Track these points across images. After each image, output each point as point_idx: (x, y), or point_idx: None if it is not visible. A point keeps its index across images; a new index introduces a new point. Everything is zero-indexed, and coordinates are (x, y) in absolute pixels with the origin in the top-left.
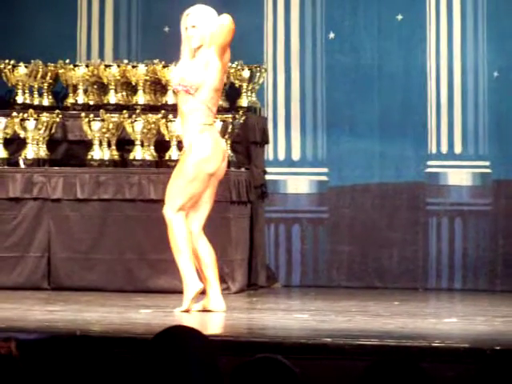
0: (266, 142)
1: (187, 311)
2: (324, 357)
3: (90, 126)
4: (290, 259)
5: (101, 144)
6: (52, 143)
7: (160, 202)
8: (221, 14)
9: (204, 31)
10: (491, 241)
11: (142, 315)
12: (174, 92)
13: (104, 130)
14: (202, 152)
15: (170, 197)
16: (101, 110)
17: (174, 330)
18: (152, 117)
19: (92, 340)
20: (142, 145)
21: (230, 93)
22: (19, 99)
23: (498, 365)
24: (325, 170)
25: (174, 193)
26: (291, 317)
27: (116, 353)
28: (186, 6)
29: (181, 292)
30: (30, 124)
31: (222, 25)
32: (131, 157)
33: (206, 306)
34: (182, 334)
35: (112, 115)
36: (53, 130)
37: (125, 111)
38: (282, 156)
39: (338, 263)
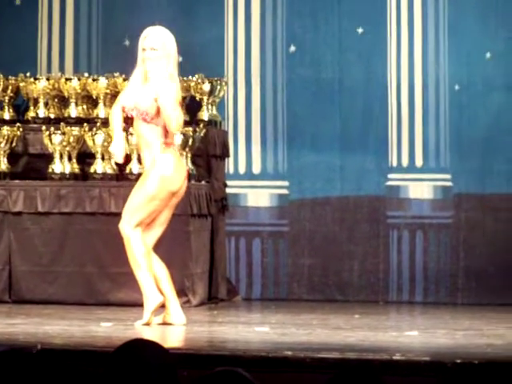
0: (227, 155)
1: (148, 324)
2: (285, 370)
3: (50, 140)
4: (250, 272)
5: (61, 157)
6: (13, 156)
7: (121, 215)
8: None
9: (162, 54)
10: (452, 254)
11: (103, 328)
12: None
13: (65, 144)
14: (165, 169)
15: (129, 212)
16: (61, 124)
17: (135, 343)
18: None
19: (53, 353)
20: (103, 158)
21: (191, 106)
22: None
23: (459, 378)
24: (285, 183)
25: (133, 209)
26: (252, 330)
27: (77, 366)
28: (146, 20)
29: (141, 305)
30: None
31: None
32: (92, 170)
33: (166, 319)
34: (142, 347)
35: (73, 128)
36: (14, 144)
37: (85, 124)
38: (242, 169)
39: (299, 276)
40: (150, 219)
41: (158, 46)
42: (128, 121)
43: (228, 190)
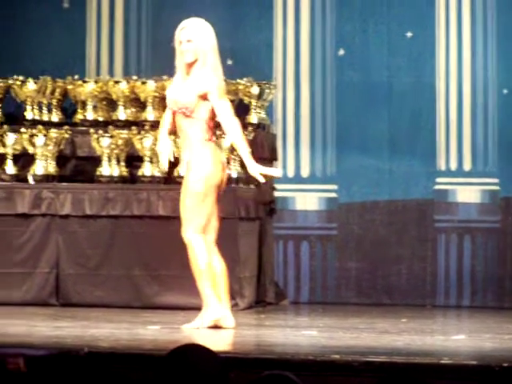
0: (275, 158)
1: (196, 328)
2: (332, 373)
3: (98, 142)
4: (298, 276)
5: (109, 160)
6: (61, 159)
7: (168, 218)
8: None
9: (199, 46)
10: (499, 258)
11: (150, 331)
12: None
13: (113, 147)
14: (202, 166)
15: (188, 219)
16: (110, 126)
17: (186, 348)
18: None
19: (100, 356)
20: (151, 161)
21: (239, 109)
22: (28, 115)
23: (506, 382)
24: (334, 186)
25: (190, 214)
26: (299, 333)
27: (124, 369)
28: None
29: (188, 308)
30: (39, 140)
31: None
32: (140, 173)
33: (215, 322)
34: (193, 353)
35: (121, 131)
36: (62, 146)
37: (134, 127)
38: (291, 173)
39: (347, 280)
40: (209, 220)
41: (193, 38)
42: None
43: (276, 194)
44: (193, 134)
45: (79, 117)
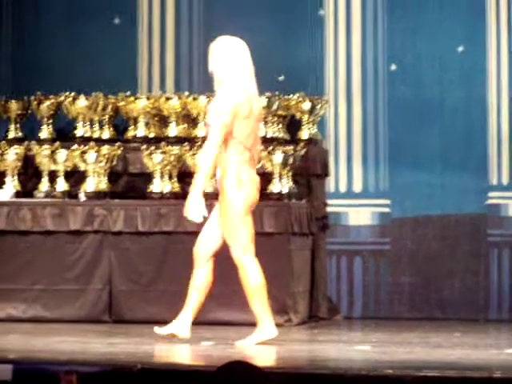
0: (327, 174)
1: (250, 344)
2: None
3: (150, 159)
4: (351, 291)
5: (162, 176)
6: (113, 176)
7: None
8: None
9: (216, 68)
10: None
11: (204, 347)
12: None
13: (165, 163)
14: (233, 188)
15: (233, 239)
16: (162, 143)
17: (233, 364)
18: None
19: (153, 373)
20: None
21: (291, 125)
22: (79, 132)
23: None
24: (387, 201)
25: (234, 234)
26: (352, 349)
27: None
28: (247, 39)
29: (241, 324)
30: (91, 157)
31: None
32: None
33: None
34: (240, 369)
35: (173, 148)
36: (113, 163)
37: (186, 143)
38: (343, 188)
39: (400, 295)
40: (253, 237)
41: (211, 61)
42: None
43: (329, 209)
44: (226, 154)
45: (131, 133)
